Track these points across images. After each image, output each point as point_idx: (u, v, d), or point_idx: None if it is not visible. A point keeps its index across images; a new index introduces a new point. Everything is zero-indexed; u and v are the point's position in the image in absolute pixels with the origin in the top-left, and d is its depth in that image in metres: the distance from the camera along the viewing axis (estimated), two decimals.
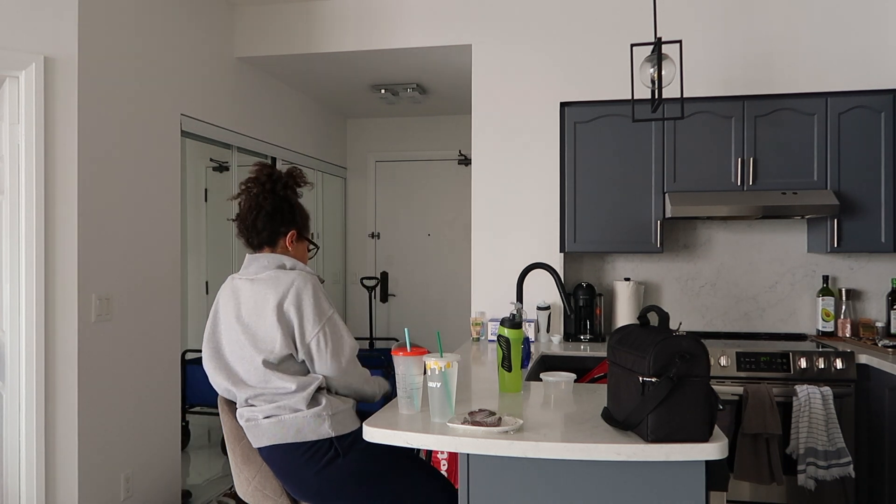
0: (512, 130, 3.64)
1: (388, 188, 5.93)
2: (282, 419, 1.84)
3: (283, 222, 2.01)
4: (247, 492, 1.94)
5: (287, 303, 1.85)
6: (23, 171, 2.70)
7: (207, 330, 1.99)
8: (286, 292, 1.86)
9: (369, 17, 3.79)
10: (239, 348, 1.90)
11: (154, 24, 3.24)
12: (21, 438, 2.72)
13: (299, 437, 1.84)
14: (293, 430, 1.84)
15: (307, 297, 1.86)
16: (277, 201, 2.00)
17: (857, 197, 3.30)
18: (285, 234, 2.02)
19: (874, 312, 3.60)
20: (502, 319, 2.16)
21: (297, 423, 1.84)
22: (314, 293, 1.87)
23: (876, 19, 3.33)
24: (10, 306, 2.74)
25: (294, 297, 1.85)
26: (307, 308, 1.85)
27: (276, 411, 1.85)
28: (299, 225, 2.05)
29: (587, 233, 3.52)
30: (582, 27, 3.56)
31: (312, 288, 1.88)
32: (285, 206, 2.01)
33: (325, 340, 1.86)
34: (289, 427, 1.84)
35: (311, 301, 1.86)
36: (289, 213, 2.02)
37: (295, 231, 2.03)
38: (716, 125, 3.40)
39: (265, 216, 1.99)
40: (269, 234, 2.00)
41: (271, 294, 1.86)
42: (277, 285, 1.87)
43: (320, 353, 1.86)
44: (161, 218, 3.30)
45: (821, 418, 2.87)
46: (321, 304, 1.87)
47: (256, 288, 1.91)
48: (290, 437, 1.84)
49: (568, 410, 1.90)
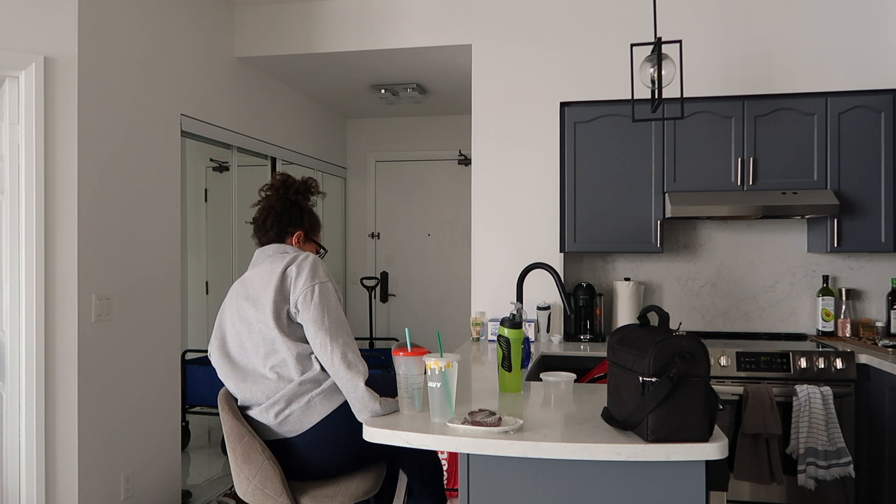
0: (512, 130, 3.64)
1: (388, 188, 5.93)
2: (310, 400, 1.93)
3: (290, 223, 2.15)
4: (247, 491, 1.94)
5: (290, 269, 1.96)
6: (23, 171, 2.70)
7: (213, 338, 2.08)
8: (291, 261, 1.98)
9: (369, 17, 3.79)
10: (246, 328, 1.99)
11: (154, 24, 3.24)
12: (21, 438, 2.72)
13: (332, 402, 1.94)
14: (324, 401, 1.94)
15: (307, 263, 1.97)
16: (288, 204, 2.16)
17: (857, 197, 3.30)
18: (292, 234, 2.15)
19: (874, 312, 3.60)
20: (502, 319, 2.16)
21: (324, 392, 1.93)
22: (313, 263, 1.98)
23: (876, 19, 3.33)
24: (10, 306, 2.74)
25: (296, 264, 1.97)
26: (305, 270, 1.95)
27: (300, 392, 1.93)
28: (306, 227, 2.19)
29: (587, 233, 3.52)
30: (582, 27, 3.56)
31: (313, 260, 1.99)
32: (295, 209, 2.16)
33: (312, 295, 1.92)
34: (317, 403, 1.93)
35: (310, 266, 1.96)
36: (297, 215, 2.17)
37: (301, 232, 2.17)
38: (716, 125, 3.40)
39: (275, 216, 2.14)
40: (277, 232, 2.14)
41: (277, 265, 1.98)
42: (283, 259, 2.00)
43: (306, 304, 1.91)
44: (161, 218, 3.30)
45: (821, 418, 2.87)
46: (318, 271, 1.97)
47: (262, 268, 2.03)
48: (327, 409, 1.93)
49: (568, 410, 1.90)
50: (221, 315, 2.09)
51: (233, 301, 2.05)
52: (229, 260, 4.27)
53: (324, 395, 1.94)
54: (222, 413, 1.99)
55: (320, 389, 1.93)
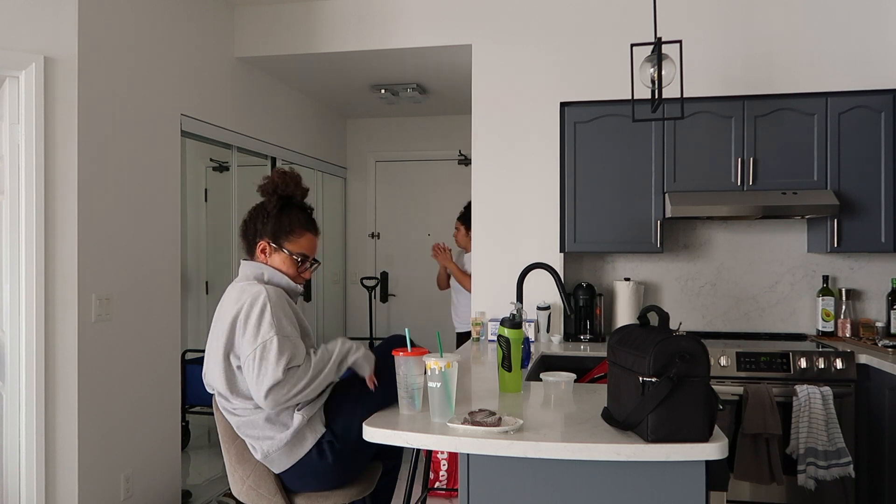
0: (512, 130, 3.64)
1: (388, 188, 5.93)
2: (268, 455, 1.87)
3: (255, 233, 2.03)
4: (241, 491, 1.93)
5: (238, 320, 1.85)
6: (23, 171, 2.70)
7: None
8: (240, 310, 1.85)
9: (369, 17, 3.79)
10: (208, 356, 1.95)
11: (154, 24, 3.24)
12: (21, 438, 2.72)
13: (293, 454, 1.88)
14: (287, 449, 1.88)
15: (254, 316, 1.83)
16: (253, 211, 2.06)
17: (857, 197, 3.30)
18: (256, 245, 2.04)
19: (874, 312, 3.60)
20: (502, 319, 2.16)
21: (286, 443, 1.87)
22: (259, 316, 1.83)
23: (876, 19, 3.33)
24: (10, 306, 2.74)
25: (243, 314, 1.84)
26: (250, 326, 1.82)
27: (257, 444, 1.89)
28: (270, 234, 2.01)
29: (587, 233, 3.52)
30: (582, 27, 3.56)
31: (259, 311, 1.83)
32: (258, 215, 2.03)
33: (254, 359, 1.79)
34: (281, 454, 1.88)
35: (255, 321, 1.82)
36: (261, 221, 2.03)
37: (264, 242, 2.01)
38: (716, 125, 3.40)
39: (242, 227, 2.07)
40: (246, 246, 2.07)
41: (231, 306, 1.88)
42: (238, 298, 1.89)
43: (248, 367, 1.81)
44: (161, 218, 3.30)
45: (821, 418, 2.87)
46: (262, 324, 1.82)
47: (226, 299, 1.94)
48: (293, 459, 1.88)
49: (568, 410, 1.90)
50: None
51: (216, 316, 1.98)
52: (229, 260, 4.27)
53: (286, 446, 1.87)
54: (216, 413, 1.99)
55: (284, 437, 1.86)
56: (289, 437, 1.84)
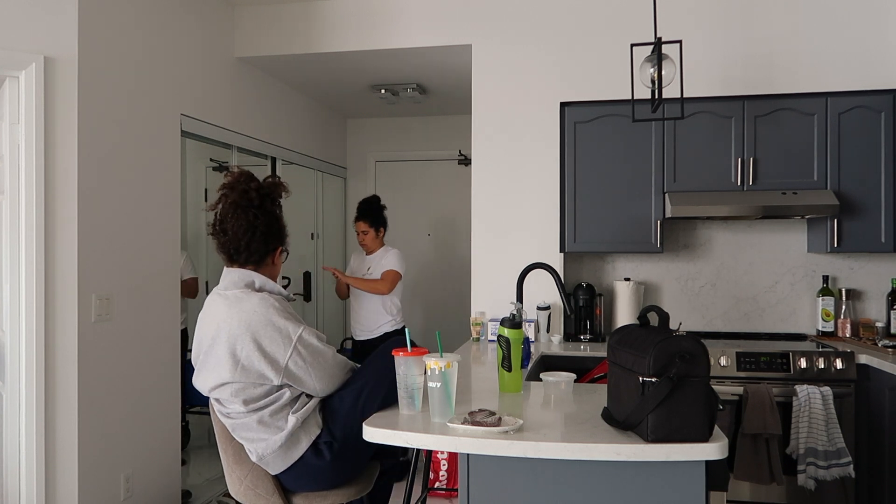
0: (512, 130, 3.64)
1: (388, 188, 5.92)
2: (263, 457, 1.87)
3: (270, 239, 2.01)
4: (239, 491, 1.93)
5: (238, 352, 1.81)
6: (23, 171, 2.70)
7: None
8: (241, 332, 1.82)
9: (369, 17, 3.79)
10: (203, 354, 1.94)
11: (154, 24, 3.24)
12: (21, 438, 2.72)
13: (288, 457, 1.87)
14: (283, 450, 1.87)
15: (265, 331, 1.81)
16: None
17: (857, 197, 3.30)
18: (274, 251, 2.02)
19: (874, 312, 3.60)
20: (502, 319, 2.16)
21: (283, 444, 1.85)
22: (268, 323, 1.82)
23: (876, 19, 3.33)
24: (10, 306, 2.74)
25: (251, 335, 1.81)
26: (267, 342, 1.81)
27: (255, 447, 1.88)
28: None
29: (587, 233, 3.52)
30: (582, 27, 3.56)
31: (264, 319, 1.82)
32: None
33: (302, 358, 1.82)
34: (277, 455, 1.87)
35: (271, 333, 1.81)
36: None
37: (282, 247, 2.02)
38: (716, 125, 3.40)
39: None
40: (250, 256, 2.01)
41: (223, 341, 1.84)
42: (240, 312, 1.84)
43: (303, 371, 1.83)
44: (161, 218, 3.30)
45: (821, 418, 2.87)
46: (284, 330, 1.82)
47: (218, 310, 1.89)
48: (288, 460, 1.87)
49: (568, 410, 1.90)
50: (200, 319, 1.98)
51: (205, 312, 1.95)
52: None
53: (280, 449, 1.85)
54: (213, 414, 1.99)
55: (280, 436, 1.85)
56: (283, 439, 1.83)
